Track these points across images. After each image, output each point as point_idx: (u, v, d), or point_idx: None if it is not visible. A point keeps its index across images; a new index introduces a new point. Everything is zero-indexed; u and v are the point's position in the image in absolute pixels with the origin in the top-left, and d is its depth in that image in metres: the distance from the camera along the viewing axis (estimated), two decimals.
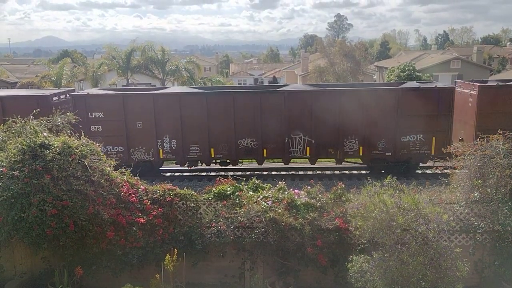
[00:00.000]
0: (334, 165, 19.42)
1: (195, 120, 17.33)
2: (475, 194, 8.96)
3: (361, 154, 17.53)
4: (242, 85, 33.96)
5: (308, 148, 17.50)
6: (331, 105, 17.12)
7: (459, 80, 20.19)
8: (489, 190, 8.82)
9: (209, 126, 17.46)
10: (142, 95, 17.82)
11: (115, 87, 31.46)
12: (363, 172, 19.20)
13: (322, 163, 19.79)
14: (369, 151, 17.44)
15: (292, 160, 18.68)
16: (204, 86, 27.30)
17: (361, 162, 18.72)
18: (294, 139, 17.46)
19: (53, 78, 34.31)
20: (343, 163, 18.78)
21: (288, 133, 17.38)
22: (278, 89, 18.35)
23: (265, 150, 17.65)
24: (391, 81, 21.99)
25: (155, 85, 37.56)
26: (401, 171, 17.35)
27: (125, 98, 17.65)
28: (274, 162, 19.97)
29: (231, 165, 18.37)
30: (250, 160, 19.53)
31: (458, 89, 18.71)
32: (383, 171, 17.55)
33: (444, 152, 11.95)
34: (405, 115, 17.09)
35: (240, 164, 18.92)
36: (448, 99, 17.08)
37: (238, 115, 17.40)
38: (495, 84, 18.18)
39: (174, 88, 24.58)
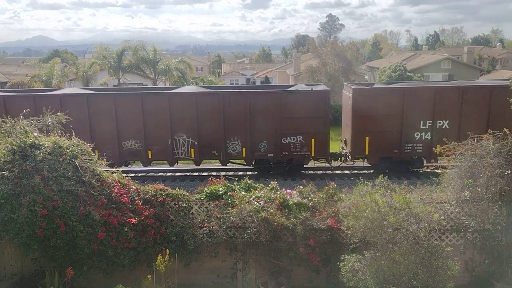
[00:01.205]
0: (327, 165, 19.46)
1: (81, 122, 16.86)
2: (466, 194, 9.02)
3: (244, 155, 17.93)
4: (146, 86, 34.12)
5: (192, 150, 17.80)
6: (215, 107, 17.46)
7: (346, 83, 20.69)
8: (479, 189, 8.88)
9: (93, 127, 17.55)
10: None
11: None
12: (355, 171, 19.28)
13: (319, 163, 19.78)
14: (252, 152, 17.85)
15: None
16: (92, 87, 26.84)
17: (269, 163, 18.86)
18: (178, 141, 17.75)
19: (43, 78, 34.05)
20: (333, 164, 18.93)
21: (171, 135, 17.62)
22: (162, 91, 18.52)
23: (149, 152, 17.88)
24: (307, 83, 22.57)
25: (146, 85, 37.45)
26: (286, 171, 18.26)
27: None
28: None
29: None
30: (135, 162, 19.68)
31: (344, 92, 19.33)
32: (271, 172, 18.38)
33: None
34: (284, 118, 17.53)
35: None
36: (324, 102, 17.53)
37: (121, 117, 17.58)
38: (368, 86, 18.64)
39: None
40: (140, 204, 9.24)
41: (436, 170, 18.24)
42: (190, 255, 9.26)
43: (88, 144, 9.75)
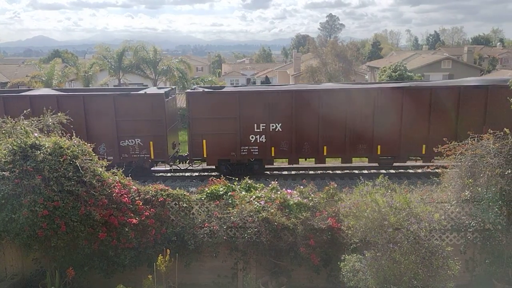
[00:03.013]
0: (326, 165, 19.51)
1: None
2: (466, 193, 9.02)
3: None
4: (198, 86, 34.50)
5: None
6: (76, 109, 17.37)
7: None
8: (479, 189, 8.88)
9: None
10: None
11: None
12: (356, 171, 19.30)
13: (316, 163, 19.80)
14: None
15: (280, 161, 18.77)
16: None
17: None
18: None
19: (43, 78, 34.07)
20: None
21: None
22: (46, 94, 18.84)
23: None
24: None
25: (146, 85, 37.46)
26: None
27: None
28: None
29: None
30: None
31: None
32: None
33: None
34: (121, 120, 17.76)
35: None
36: (160, 105, 17.74)
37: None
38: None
39: None
40: (140, 204, 9.24)
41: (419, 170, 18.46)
42: (190, 255, 9.27)
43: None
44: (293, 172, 19.79)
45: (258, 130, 17.88)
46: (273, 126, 17.80)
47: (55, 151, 8.78)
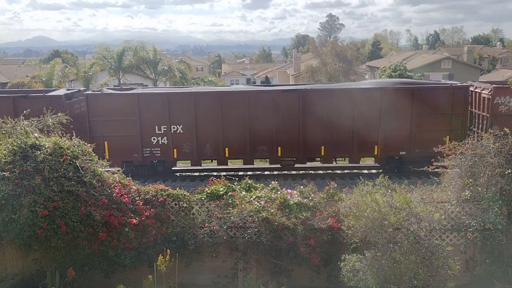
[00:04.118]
0: (326, 165, 19.52)
1: None
2: (466, 193, 9.02)
3: None
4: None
5: None
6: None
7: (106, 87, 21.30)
8: (480, 189, 8.88)
9: None
10: None
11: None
12: (355, 171, 19.30)
13: (316, 163, 19.80)
14: None
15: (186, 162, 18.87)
16: None
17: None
18: None
19: (43, 78, 34.06)
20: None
21: None
22: None
23: None
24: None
25: (146, 85, 37.46)
26: None
27: None
28: (267, 161, 19.95)
29: None
30: None
31: None
32: None
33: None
34: None
35: None
36: (59, 108, 16.59)
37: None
38: (100, 92, 18.83)
39: None
40: (140, 204, 9.24)
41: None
42: (190, 255, 9.27)
43: None
44: (293, 172, 19.79)
45: (160, 132, 17.89)
46: (174, 128, 17.82)
47: (55, 151, 8.78)
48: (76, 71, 39.50)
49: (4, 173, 8.34)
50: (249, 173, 19.03)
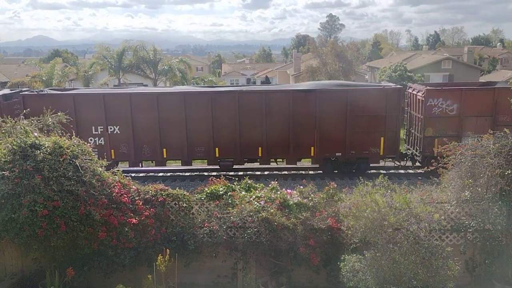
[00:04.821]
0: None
1: None
2: (466, 194, 9.01)
3: None
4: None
5: None
6: None
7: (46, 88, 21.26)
8: (479, 189, 8.87)
9: None
10: None
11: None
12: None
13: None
14: None
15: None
16: None
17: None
18: None
19: (43, 78, 34.05)
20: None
21: None
22: None
23: None
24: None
25: (146, 85, 37.46)
26: None
27: None
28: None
29: None
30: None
31: None
32: None
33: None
34: None
35: None
36: None
37: None
38: (35, 92, 18.80)
39: None
40: (140, 204, 9.24)
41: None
42: (190, 255, 9.27)
43: None
44: (292, 172, 19.80)
45: (97, 133, 17.93)
46: (111, 128, 17.88)
47: (55, 150, 8.78)
48: (76, 71, 39.49)
49: (3, 172, 8.34)
50: (249, 173, 19.05)
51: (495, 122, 17.77)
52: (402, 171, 19.45)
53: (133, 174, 18.20)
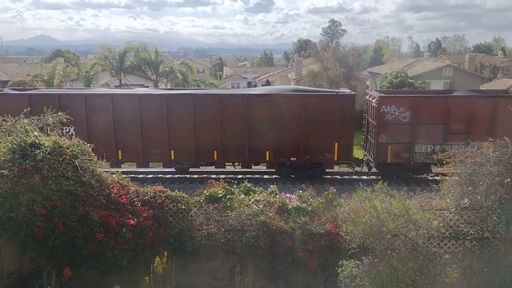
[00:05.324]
0: (326, 170, 19.53)
1: None
2: (465, 201, 9.01)
3: None
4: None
5: None
6: None
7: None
8: (479, 197, 8.87)
9: None
10: None
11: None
12: (355, 177, 19.29)
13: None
14: None
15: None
16: None
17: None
18: None
19: (45, 77, 34.05)
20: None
21: None
22: None
23: None
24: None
25: (147, 87, 37.47)
26: None
27: None
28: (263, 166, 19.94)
29: None
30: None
31: None
32: None
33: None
34: None
35: None
36: None
37: None
38: None
39: None
40: (139, 205, 9.23)
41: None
42: (188, 258, 9.24)
43: None
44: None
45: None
46: (66, 129, 17.59)
47: (54, 150, 8.77)
48: (78, 71, 39.48)
49: (3, 171, 8.33)
50: (248, 176, 19.04)
51: (448, 130, 17.97)
52: (355, 177, 19.65)
53: (132, 175, 18.21)
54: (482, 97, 18.55)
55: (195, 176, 19.76)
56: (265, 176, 19.80)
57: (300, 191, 9.78)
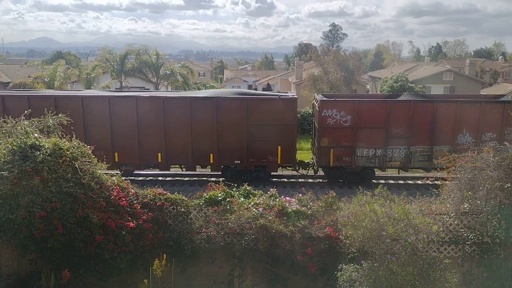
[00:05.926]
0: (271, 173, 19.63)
1: None
2: (465, 206, 8.99)
3: None
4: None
5: None
6: None
7: None
8: (479, 202, 8.85)
9: None
10: None
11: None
12: (301, 180, 19.40)
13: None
14: None
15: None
16: None
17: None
18: None
19: (46, 79, 34.11)
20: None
21: None
22: None
23: None
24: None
25: (148, 89, 37.52)
26: None
27: None
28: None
29: None
30: None
31: None
32: None
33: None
34: None
35: None
36: None
37: None
38: None
39: None
40: (138, 207, 9.22)
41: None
42: (187, 261, 9.23)
43: None
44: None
45: None
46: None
47: (54, 152, 8.76)
48: (79, 73, 39.57)
49: (2, 172, 8.32)
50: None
51: (388, 134, 18.09)
52: (301, 180, 19.80)
53: (132, 178, 18.20)
54: (421, 102, 18.70)
55: (195, 178, 19.76)
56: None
57: (300, 195, 9.78)
